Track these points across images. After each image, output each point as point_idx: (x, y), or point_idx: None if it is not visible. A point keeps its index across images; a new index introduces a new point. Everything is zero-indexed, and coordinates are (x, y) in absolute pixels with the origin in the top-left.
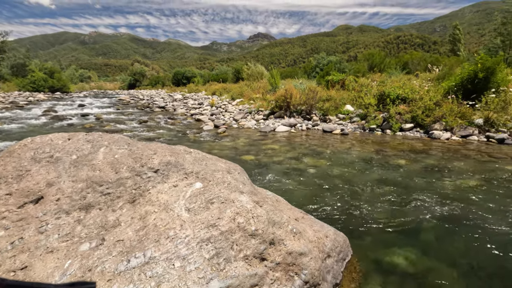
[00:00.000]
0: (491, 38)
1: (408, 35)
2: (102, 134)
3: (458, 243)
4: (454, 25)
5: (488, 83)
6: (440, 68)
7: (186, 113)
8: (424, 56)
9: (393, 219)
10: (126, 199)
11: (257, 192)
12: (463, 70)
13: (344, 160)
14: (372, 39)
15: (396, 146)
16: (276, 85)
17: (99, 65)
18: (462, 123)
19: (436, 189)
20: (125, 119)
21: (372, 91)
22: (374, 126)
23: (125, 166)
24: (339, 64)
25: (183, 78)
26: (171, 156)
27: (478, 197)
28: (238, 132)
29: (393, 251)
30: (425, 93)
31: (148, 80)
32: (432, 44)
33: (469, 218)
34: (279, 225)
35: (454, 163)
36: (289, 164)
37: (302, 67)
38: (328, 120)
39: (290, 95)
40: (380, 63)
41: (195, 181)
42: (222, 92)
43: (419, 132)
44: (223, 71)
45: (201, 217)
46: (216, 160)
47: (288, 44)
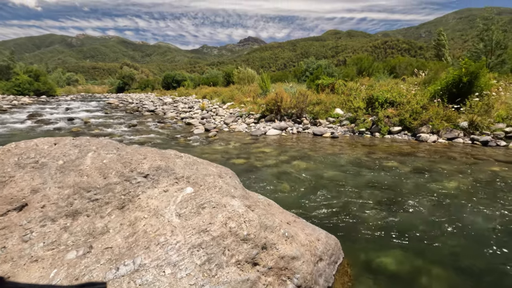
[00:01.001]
0: (474, 43)
1: (395, 40)
2: (90, 138)
3: (446, 244)
4: (438, 31)
5: (472, 87)
6: (426, 72)
7: (176, 117)
8: (411, 60)
9: (383, 221)
10: (115, 205)
11: (248, 196)
12: (448, 74)
13: (334, 163)
14: (361, 44)
15: (385, 149)
16: (266, 89)
17: (87, 68)
18: (448, 126)
19: (424, 191)
20: (113, 123)
21: (361, 95)
22: (364, 129)
23: (114, 171)
24: (329, 68)
25: (173, 82)
26: (162, 161)
27: (465, 198)
28: (229, 136)
29: (384, 253)
30: (412, 97)
31: (137, 83)
32: (418, 49)
33: (456, 219)
34: (271, 229)
35: (441, 165)
36: (280, 168)
37: (292, 71)
38: (318, 124)
39: (281, 98)
40: (369, 68)
41: (186, 185)
42: (212, 95)
43: (407, 135)
44: (214, 75)
45: (192, 223)
46: (207, 164)
47: (278, 48)
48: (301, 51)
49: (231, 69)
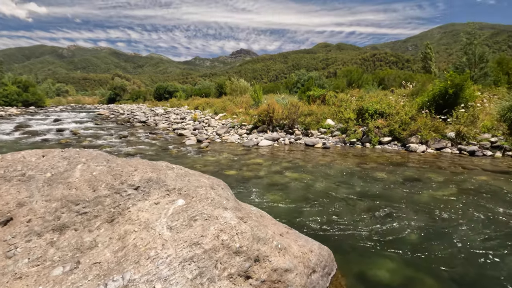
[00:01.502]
0: (458, 57)
1: (383, 53)
2: (80, 150)
3: (438, 253)
4: (425, 44)
5: (458, 99)
6: (414, 84)
7: (168, 128)
8: (399, 73)
9: (375, 231)
10: (104, 219)
11: (241, 207)
12: (435, 86)
13: (326, 173)
14: (350, 57)
15: (376, 159)
16: (258, 100)
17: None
18: (436, 136)
19: (415, 200)
20: (104, 134)
21: (352, 106)
22: (354, 140)
23: (103, 183)
24: (319, 80)
25: (165, 93)
26: (153, 173)
27: (454, 207)
28: (221, 147)
29: (377, 264)
30: (401, 108)
31: (129, 94)
32: (405, 62)
33: (446, 227)
34: (264, 241)
35: (431, 175)
36: (272, 178)
37: (284, 82)
38: (310, 134)
39: (273, 109)
40: (358, 79)
41: (177, 198)
42: (205, 106)
43: (396, 145)
44: (206, 86)
45: (183, 235)
46: (199, 176)
47: (270, 60)
48: (292, 63)
49: (224, 80)
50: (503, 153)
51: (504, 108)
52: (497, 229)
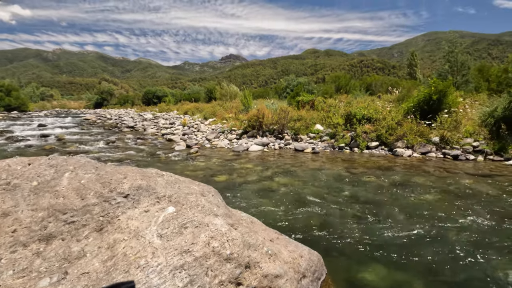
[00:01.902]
0: (441, 64)
1: (370, 59)
2: (67, 158)
3: (425, 256)
4: (411, 51)
5: (441, 105)
6: (399, 90)
7: (157, 133)
8: (385, 79)
9: (364, 235)
10: (93, 227)
11: (231, 214)
12: (419, 92)
13: (316, 178)
14: (338, 63)
15: (364, 164)
16: (248, 105)
17: (63, 83)
18: (421, 141)
19: (402, 204)
20: (90, 139)
21: (340, 111)
22: (343, 145)
23: (92, 191)
24: (308, 85)
25: (154, 97)
26: (142, 180)
27: (440, 211)
28: (211, 152)
29: (366, 268)
30: (388, 114)
31: (116, 99)
32: (391, 68)
33: (433, 231)
34: (254, 247)
35: (417, 179)
36: (262, 184)
37: (273, 87)
38: (300, 139)
39: (263, 114)
40: (346, 85)
41: (167, 205)
42: (194, 111)
43: (384, 149)
44: (196, 91)
45: (174, 243)
46: (189, 183)
47: (259, 66)
48: (281, 68)
49: (213, 85)
50: (484, 157)
51: (484, 113)
52: (482, 231)
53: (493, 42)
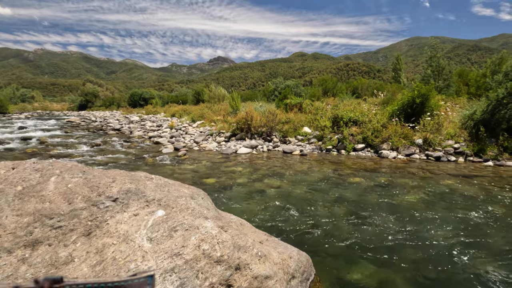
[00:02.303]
0: (424, 68)
1: (356, 63)
2: (53, 162)
3: (410, 255)
4: (396, 56)
5: (424, 108)
6: (384, 93)
7: (143, 136)
8: (370, 82)
9: (351, 236)
10: (81, 232)
11: (221, 216)
12: (403, 96)
13: (304, 180)
14: (325, 66)
15: (351, 166)
16: (237, 108)
17: (45, 84)
18: (406, 143)
19: (388, 205)
20: (74, 142)
21: (327, 114)
22: (330, 147)
23: (80, 196)
24: (296, 88)
25: (140, 100)
26: (131, 184)
27: (424, 210)
28: (199, 155)
29: (353, 267)
30: (373, 116)
31: (101, 101)
32: (376, 72)
33: (418, 230)
34: (244, 249)
35: (402, 180)
36: (251, 186)
37: (262, 90)
38: (288, 142)
39: (251, 117)
40: (333, 88)
41: (157, 208)
42: (182, 114)
43: (370, 151)
44: (183, 93)
45: (164, 247)
46: (179, 186)
47: (247, 68)
48: (269, 71)
49: (201, 88)
50: (465, 158)
51: (464, 116)
52: (464, 230)
53: (472, 48)
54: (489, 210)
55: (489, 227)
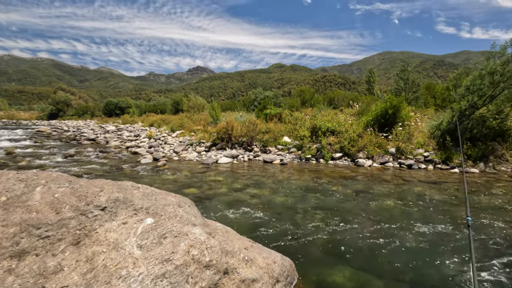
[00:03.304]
0: (395, 81)
1: (332, 75)
2: (37, 172)
3: (387, 259)
4: (369, 69)
5: (396, 118)
6: (359, 104)
7: (120, 146)
8: (346, 94)
9: (331, 241)
10: (69, 241)
11: (208, 224)
12: (377, 107)
13: (285, 188)
14: (303, 77)
15: (329, 174)
16: (217, 117)
17: (11, 92)
18: (380, 152)
19: (365, 211)
20: (45, 153)
21: (306, 124)
22: (310, 156)
23: (67, 205)
24: (276, 99)
25: (116, 109)
26: (119, 193)
27: (398, 216)
28: (179, 165)
29: (334, 271)
30: (349, 126)
31: (74, 110)
32: (351, 84)
33: (393, 235)
34: (231, 254)
35: (377, 187)
36: (233, 195)
37: (241, 100)
38: (268, 151)
39: (232, 127)
40: (311, 99)
41: (145, 216)
42: (160, 123)
43: (347, 160)
44: (162, 102)
45: (154, 253)
46: (165, 194)
47: (227, 78)
48: (249, 81)
49: (180, 97)
50: (434, 166)
51: (432, 127)
52: (435, 233)
53: (437, 63)
54: (455, 214)
55: (458, 230)
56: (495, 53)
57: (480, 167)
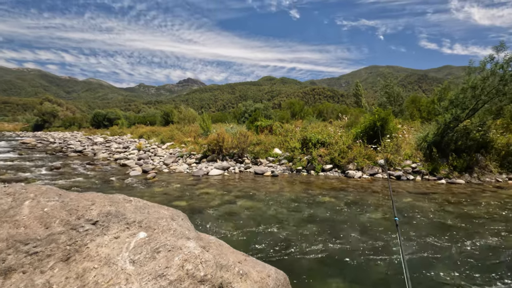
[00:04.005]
0: (381, 95)
1: (321, 88)
2: (26, 185)
3: (377, 270)
4: (356, 82)
5: (384, 130)
6: (348, 116)
7: (109, 158)
8: (335, 106)
9: (323, 252)
10: (59, 257)
11: (201, 237)
12: (365, 119)
13: (276, 200)
14: (293, 90)
15: (320, 185)
16: (208, 129)
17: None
18: (369, 163)
19: (356, 222)
20: (30, 165)
21: (296, 136)
22: (300, 168)
23: (57, 220)
24: (266, 111)
25: (105, 120)
26: (111, 206)
27: (388, 226)
28: (169, 177)
29: (326, 283)
30: (339, 138)
31: (60, 121)
32: (340, 96)
33: (383, 246)
34: (226, 268)
35: (367, 198)
36: (225, 208)
37: (232, 112)
38: (259, 163)
39: (222, 139)
40: (300, 111)
41: (138, 230)
42: (150, 135)
43: (337, 171)
44: (151, 114)
45: (148, 268)
46: (158, 207)
47: (217, 90)
48: (239, 93)
49: (170, 109)
50: (422, 177)
51: (419, 138)
52: (424, 243)
53: (422, 77)
54: (445, 224)
55: (445, 240)
56: (476, 69)
57: (466, 178)
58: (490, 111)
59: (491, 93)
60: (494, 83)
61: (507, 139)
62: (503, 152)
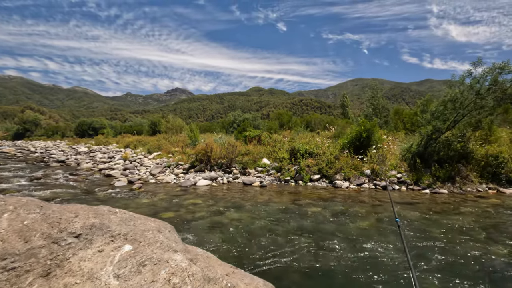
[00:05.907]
0: (366, 106)
1: (308, 99)
2: (5, 197)
3: (367, 279)
4: (342, 94)
5: (370, 141)
6: (335, 127)
7: (93, 168)
8: (322, 117)
9: (312, 263)
10: (38, 273)
11: (189, 249)
12: (352, 130)
13: (264, 211)
14: (281, 101)
15: (308, 196)
16: (196, 139)
17: None
18: (356, 174)
19: (343, 232)
20: (8, 176)
21: (285, 146)
22: (289, 178)
23: (38, 233)
24: (255, 121)
25: (90, 129)
26: (96, 218)
27: (375, 236)
28: (156, 188)
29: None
30: (327, 149)
31: (43, 130)
32: (327, 108)
33: (371, 255)
34: (214, 281)
35: (355, 208)
36: (213, 219)
37: (220, 122)
38: (248, 173)
39: (211, 149)
40: (288, 122)
41: (123, 243)
42: (137, 145)
43: (325, 182)
44: (138, 123)
45: (132, 283)
46: (144, 219)
47: (206, 100)
48: (228, 104)
49: (158, 118)
50: (407, 187)
51: (403, 149)
52: (412, 251)
53: (405, 90)
54: (429, 232)
55: (430, 247)
56: (455, 82)
57: (448, 188)
58: (470, 124)
59: (469, 107)
60: (471, 97)
61: (486, 150)
62: (482, 162)
